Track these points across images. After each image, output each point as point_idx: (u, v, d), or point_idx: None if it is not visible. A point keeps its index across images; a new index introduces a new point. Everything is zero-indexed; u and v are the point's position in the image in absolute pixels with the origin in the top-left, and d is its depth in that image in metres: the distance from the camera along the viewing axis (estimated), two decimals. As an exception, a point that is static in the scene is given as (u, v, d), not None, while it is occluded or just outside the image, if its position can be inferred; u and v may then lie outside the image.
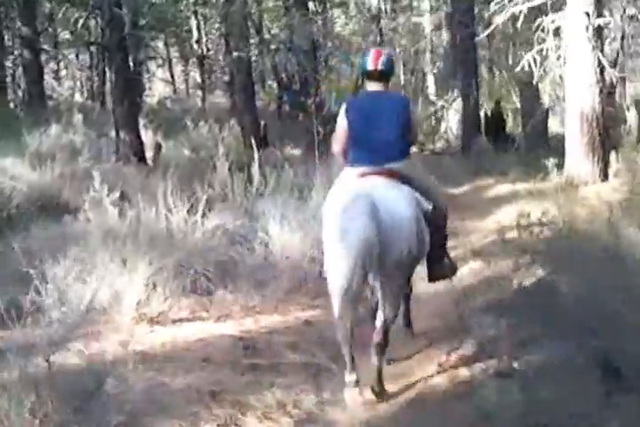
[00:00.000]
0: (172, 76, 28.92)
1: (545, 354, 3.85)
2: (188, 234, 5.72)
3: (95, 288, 4.46)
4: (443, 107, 21.20)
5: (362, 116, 4.05)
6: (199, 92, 26.36)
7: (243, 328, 4.68)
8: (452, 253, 4.65)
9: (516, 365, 3.78)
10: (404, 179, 3.91)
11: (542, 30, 9.96)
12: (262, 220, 6.14)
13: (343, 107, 4.17)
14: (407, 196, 3.80)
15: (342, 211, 3.64)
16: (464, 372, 3.91)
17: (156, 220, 5.75)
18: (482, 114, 16.47)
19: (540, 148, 13.15)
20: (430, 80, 24.64)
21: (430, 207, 3.96)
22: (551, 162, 9.85)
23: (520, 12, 10.04)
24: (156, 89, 28.43)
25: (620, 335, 3.49)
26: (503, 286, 5.31)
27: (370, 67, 4.09)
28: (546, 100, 15.60)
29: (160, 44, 26.67)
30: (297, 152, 13.71)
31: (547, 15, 9.95)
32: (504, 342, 4.10)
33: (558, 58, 9.97)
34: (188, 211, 5.81)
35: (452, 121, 20.33)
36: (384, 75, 4.11)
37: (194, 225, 5.78)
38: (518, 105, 16.21)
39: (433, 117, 21.23)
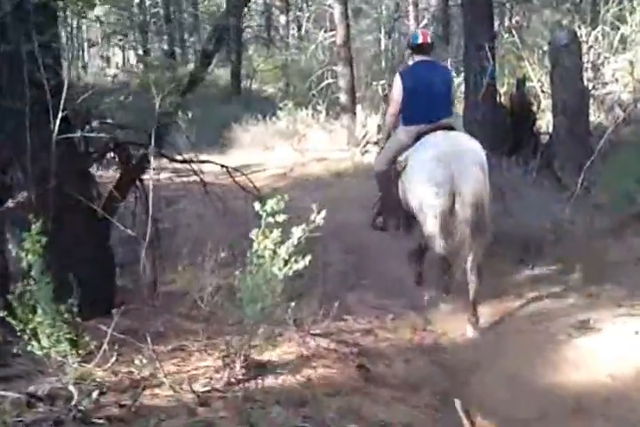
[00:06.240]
0: None
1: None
2: None
3: None
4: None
5: (419, 80, 5.02)
6: None
7: None
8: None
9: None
10: (455, 130, 4.91)
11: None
12: None
13: (397, 75, 5.15)
14: (477, 143, 4.76)
15: (437, 160, 4.54)
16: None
17: None
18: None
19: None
20: (414, 47, 18.30)
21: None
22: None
23: None
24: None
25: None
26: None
27: (421, 41, 5.13)
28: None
29: None
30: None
31: None
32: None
33: None
34: None
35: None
36: (431, 47, 5.23)
37: None
38: (546, 87, 9.79)
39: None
